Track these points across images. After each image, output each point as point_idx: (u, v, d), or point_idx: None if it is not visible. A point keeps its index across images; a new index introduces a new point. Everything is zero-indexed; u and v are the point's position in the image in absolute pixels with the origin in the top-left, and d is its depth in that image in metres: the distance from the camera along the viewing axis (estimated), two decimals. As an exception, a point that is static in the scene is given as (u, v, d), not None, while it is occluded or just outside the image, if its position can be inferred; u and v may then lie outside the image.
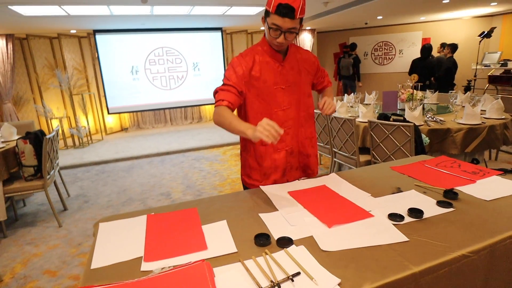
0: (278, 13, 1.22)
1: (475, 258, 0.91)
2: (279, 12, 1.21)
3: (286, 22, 1.23)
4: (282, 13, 1.21)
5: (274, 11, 1.23)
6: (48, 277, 2.07)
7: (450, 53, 5.38)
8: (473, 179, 1.40)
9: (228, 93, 1.31)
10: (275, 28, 1.26)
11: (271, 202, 1.25)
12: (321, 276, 0.79)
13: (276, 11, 1.22)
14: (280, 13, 1.21)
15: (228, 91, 1.32)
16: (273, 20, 1.25)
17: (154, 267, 0.85)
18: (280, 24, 1.24)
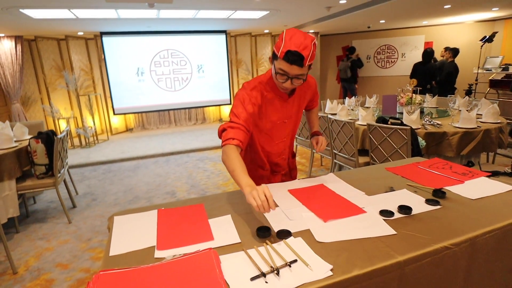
0: (286, 60, 1.18)
1: (456, 249, 1.01)
2: (287, 59, 1.18)
3: (294, 69, 1.20)
4: (291, 60, 1.17)
5: (282, 56, 1.19)
6: (60, 269, 2.18)
7: (451, 57, 5.45)
8: (462, 179, 1.49)
9: (239, 131, 1.25)
10: (282, 73, 1.23)
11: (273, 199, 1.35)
12: (315, 263, 0.89)
13: (284, 57, 1.18)
14: (288, 60, 1.18)
15: (239, 129, 1.26)
16: (280, 65, 1.22)
17: (166, 254, 0.95)
18: (288, 71, 1.21)
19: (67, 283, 2.02)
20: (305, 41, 1.19)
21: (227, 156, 1.20)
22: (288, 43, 1.19)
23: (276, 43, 1.25)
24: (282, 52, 1.19)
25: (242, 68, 7.54)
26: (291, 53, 1.17)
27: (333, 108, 3.88)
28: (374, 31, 8.32)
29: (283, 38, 1.22)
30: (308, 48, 1.19)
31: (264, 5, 4.32)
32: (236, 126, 1.27)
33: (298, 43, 1.18)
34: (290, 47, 1.17)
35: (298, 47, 1.17)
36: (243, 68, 7.53)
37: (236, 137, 1.24)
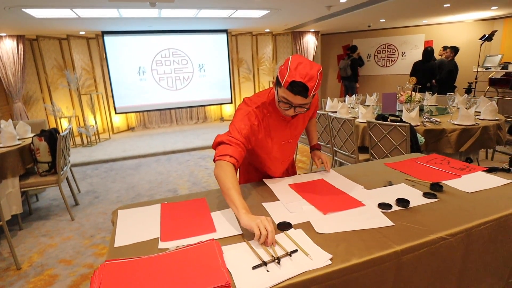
0: (290, 90, 1.14)
1: (452, 240, 1.03)
2: (291, 89, 1.14)
3: (298, 99, 1.17)
4: (295, 91, 1.14)
5: (286, 86, 1.15)
6: (63, 265, 2.21)
7: (451, 55, 5.47)
8: (459, 174, 1.52)
9: (237, 149, 1.20)
10: (285, 101, 1.20)
11: (273, 193, 1.38)
12: (315, 253, 0.92)
13: (288, 87, 1.15)
14: (292, 90, 1.14)
15: (238, 146, 1.21)
16: (284, 94, 1.18)
17: (169, 245, 0.98)
18: (291, 100, 1.18)
19: (70, 278, 2.05)
20: (311, 72, 1.15)
21: (223, 171, 1.12)
22: (293, 72, 1.14)
23: (281, 69, 1.20)
24: (286, 81, 1.15)
25: (243, 67, 7.56)
26: (296, 84, 1.13)
27: (333, 106, 3.90)
28: (374, 30, 8.34)
29: (288, 66, 1.16)
30: (314, 79, 1.15)
31: (265, 4, 4.34)
32: (235, 142, 1.21)
33: (303, 74, 1.14)
34: (295, 77, 1.13)
35: (303, 78, 1.13)
36: (244, 67, 7.56)
37: (234, 155, 1.18)
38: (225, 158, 1.17)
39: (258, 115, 1.31)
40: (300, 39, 7.81)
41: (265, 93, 1.37)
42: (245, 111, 1.30)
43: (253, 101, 1.34)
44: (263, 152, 1.44)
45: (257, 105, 1.32)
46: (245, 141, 1.24)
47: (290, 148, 1.51)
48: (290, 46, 7.88)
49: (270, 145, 1.39)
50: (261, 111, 1.32)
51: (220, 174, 1.13)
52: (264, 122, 1.33)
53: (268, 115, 1.33)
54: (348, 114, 3.42)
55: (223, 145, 1.21)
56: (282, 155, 1.51)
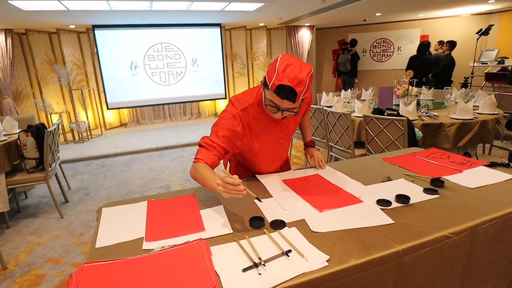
0: (277, 94, 1.07)
1: (456, 238, 0.98)
2: (278, 93, 1.07)
3: (285, 103, 1.10)
4: (281, 95, 1.07)
5: (273, 89, 1.08)
6: (51, 264, 2.13)
7: (448, 50, 5.42)
8: (460, 169, 1.47)
9: (210, 155, 1.18)
10: (272, 105, 1.13)
11: (266, 189, 1.31)
12: (311, 254, 0.85)
13: (275, 91, 1.07)
14: (279, 94, 1.07)
15: (214, 149, 1.19)
16: (270, 97, 1.11)
17: (154, 246, 0.91)
18: (278, 104, 1.11)
19: (57, 278, 1.97)
20: (300, 75, 1.06)
21: (196, 171, 1.15)
22: (281, 75, 1.06)
23: (269, 69, 1.12)
24: (273, 84, 1.07)
25: (237, 62, 7.46)
26: (283, 88, 1.05)
27: (328, 101, 3.84)
28: (369, 24, 8.27)
29: (276, 67, 1.08)
30: (303, 83, 1.07)
31: (259, -4, 4.24)
32: (211, 145, 1.20)
33: (292, 77, 1.05)
34: (282, 81, 1.05)
35: (291, 82, 1.05)
36: (238, 62, 7.46)
37: (205, 160, 1.17)
38: (197, 161, 1.18)
39: (244, 119, 1.24)
40: (295, 33, 7.71)
41: (253, 92, 1.28)
42: (229, 114, 1.24)
43: (240, 102, 1.26)
44: (250, 155, 1.38)
45: (244, 107, 1.24)
46: (223, 144, 1.21)
47: (282, 147, 1.44)
48: (284, 41, 7.78)
49: (257, 148, 1.33)
50: (248, 113, 1.25)
51: (193, 174, 1.17)
52: (252, 124, 1.26)
53: (258, 116, 1.26)
54: (344, 108, 3.36)
55: (200, 149, 1.22)
56: (274, 155, 1.44)
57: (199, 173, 1.13)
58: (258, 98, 1.26)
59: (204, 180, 1.11)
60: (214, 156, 1.19)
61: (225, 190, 0.98)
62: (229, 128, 1.22)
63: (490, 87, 6.74)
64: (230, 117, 1.23)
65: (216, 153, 1.20)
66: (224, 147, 1.21)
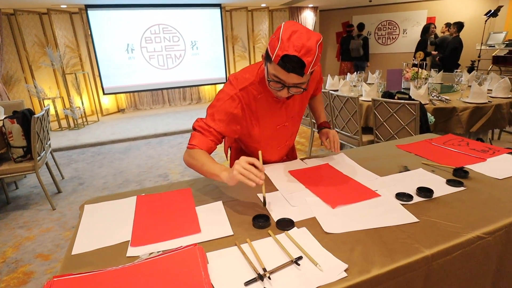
0: (282, 66, 0.92)
1: (490, 239, 0.85)
2: (284, 65, 0.91)
3: (292, 78, 0.94)
4: (287, 68, 0.91)
5: (277, 62, 0.92)
6: (40, 261, 2.01)
7: (456, 32, 5.19)
8: (483, 157, 1.33)
9: (206, 140, 1.07)
10: (276, 80, 0.97)
11: (270, 181, 1.18)
12: (325, 261, 0.72)
13: (279, 63, 0.91)
14: (284, 67, 0.91)
15: (210, 135, 1.07)
16: (275, 72, 0.95)
17: (141, 252, 0.78)
18: (283, 79, 0.96)
19: (46, 276, 1.86)
20: (308, 43, 0.90)
21: (191, 157, 1.05)
22: (286, 44, 0.90)
23: (271, 40, 0.95)
24: (277, 56, 0.91)
25: (238, 45, 7.20)
26: (289, 59, 0.90)
27: (334, 84, 3.66)
28: (375, 5, 7.95)
29: (279, 36, 0.92)
30: (312, 53, 0.91)
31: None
32: (206, 129, 1.08)
33: (298, 46, 0.89)
34: (287, 51, 0.89)
35: (298, 51, 0.89)
36: (239, 45, 7.20)
37: (201, 146, 1.06)
38: (192, 147, 1.07)
39: (243, 100, 1.09)
40: (298, 15, 7.42)
41: (254, 69, 1.12)
42: (226, 95, 1.09)
43: (239, 80, 1.10)
44: (251, 141, 1.23)
45: (243, 86, 1.09)
46: (219, 129, 1.09)
47: (287, 132, 1.28)
48: (287, 23, 7.49)
49: (257, 132, 1.18)
50: (248, 93, 1.10)
51: (188, 161, 1.07)
52: (252, 106, 1.12)
53: (259, 96, 1.11)
54: (350, 92, 3.19)
55: (194, 133, 1.10)
56: (278, 141, 1.29)
57: (196, 160, 1.03)
58: (259, 75, 1.10)
59: (203, 167, 1.01)
60: (211, 142, 1.08)
61: (242, 171, 0.87)
62: (227, 110, 1.08)
63: (497, 71, 6.52)
64: (228, 98, 1.08)
65: (213, 138, 1.08)
66: (221, 132, 1.09)
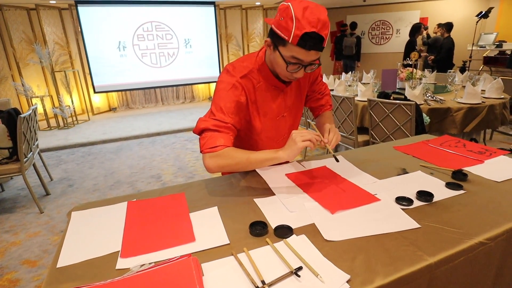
0: (303, 46, 0.90)
1: (492, 245, 0.83)
2: (304, 44, 0.90)
3: (312, 55, 0.94)
4: (308, 46, 0.90)
5: (296, 42, 0.90)
6: (27, 267, 1.94)
7: (446, 32, 5.24)
8: (481, 159, 1.32)
9: (228, 134, 1.01)
10: (295, 62, 0.96)
11: (267, 185, 1.14)
12: (327, 272, 0.69)
13: (299, 43, 0.90)
14: (305, 46, 0.90)
15: (229, 130, 1.01)
16: (293, 53, 0.94)
17: (132, 264, 0.73)
18: (304, 58, 0.94)
19: (33, 283, 1.79)
20: (322, 16, 0.90)
21: (225, 157, 0.98)
22: (302, 22, 0.88)
23: (278, 22, 0.92)
24: (295, 35, 0.88)
25: (232, 43, 7.14)
26: (309, 37, 0.88)
27: (329, 84, 3.65)
28: (369, 5, 7.98)
29: (292, 14, 0.89)
30: (327, 25, 0.91)
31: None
32: (223, 126, 1.00)
33: (314, 21, 0.88)
34: (305, 28, 0.88)
35: (315, 27, 0.88)
36: (233, 43, 7.14)
37: (227, 144, 1.00)
38: (220, 149, 0.99)
39: (245, 87, 1.06)
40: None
41: (252, 57, 1.10)
42: (228, 84, 1.04)
43: (238, 69, 1.06)
44: (252, 132, 1.19)
45: (243, 74, 1.06)
46: (234, 122, 1.03)
47: (285, 123, 1.25)
48: (280, 21, 7.46)
49: (258, 123, 1.15)
50: (248, 81, 1.07)
51: (224, 162, 0.99)
52: (252, 95, 1.09)
53: (258, 85, 1.09)
54: (346, 92, 3.18)
55: (211, 134, 1.00)
56: (277, 133, 1.25)
57: (234, 157, 0.98)
58: (258, 63, 1.08)
59: (249, 159, 0.98)
60: (233, 135, 1.03)
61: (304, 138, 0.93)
62: (233, 99, 1.03)
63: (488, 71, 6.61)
64: (230, 87, 1.03)
65: (232, 133, 1.03)
66: (235, 125, 1.04)
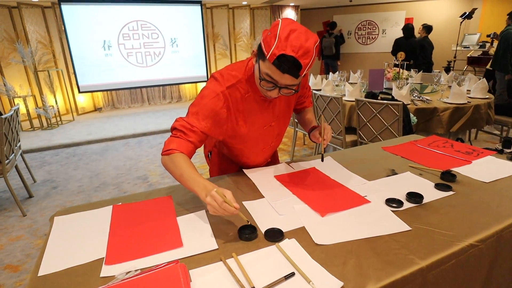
0: (277, 66, 0.88)
1: (482, 247, 0.83)
2: (279, 65, 0.87)
3: (286, 79, 0.90)
4: (283, 68, 0.87)
5: (272, 60, 0.87)
6: (8, 272, 1.87)
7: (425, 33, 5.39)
8: (469, 159, 1.33)
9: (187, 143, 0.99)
10: (269, 80, 0.93)
11: (256, 187, 1.12)
12: (319, 278, 0.68)
13: (275, 63, 0.87)
14: (279, 67, 0.87)
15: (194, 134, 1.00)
16: (268, 70, 0.91)
17: (117, 271, 0.70)
18: (277, 79, 0.91)
19: (16, 289, 1.73)
20: (306, 44, 0.87)
21: (170, 162, 0.96)
22: (283, 43, 0.86)
23: (265, 36, 0.90)
24: (273, 54, 0.86)
25: (219, 43, 7.09)
26: (286, 59, 0.86)
27: (316, 84, 3.65)
28: (355, 5, 8.06)
29: (276, 33, 0.87)
30: (309, 55, 0.87)
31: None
32: (189, 129, 0.99)
33: (297, 46, 0.86)
34: (285, 50, 0.85)
35: (296, 52, 0.86)
36: (220, 43, 7.09)
37: (181, 149, 0.97)
38: (171, 152, 0.97)
39: (230, 98, 1.03)
40: (279, 13, 7.40)
41: (241, 66, 1.07)
42: (212, 92, 1.02)
43: (225, 77, 1.03)
44: (237, 142, 1.16)
45: (231, 84, 1.03)
46: (206, 130, 1.01)
47: (272, 132, 1.22)
48: (268, 21, 7.45)
49: (244, 133, 1.12)
50: (235, 91, 1.04)
51: (168, 166, 0.97)
52: (239, 105, 1.06)
53: (246, 96, 1.06)
54: (333, 92, 3.18)
55: (173, 135, 1.01)
56: (264, 142, 1.23)
57: (176, 167, 0.94)
58: (247, 73, 1.05)
59: (182, 177, 0.92)
60: (190, 145, 0.99)
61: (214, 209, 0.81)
62: (212, 109, 1.01)
63: (472, 71, 6.77)
64: (213, 96, 1.01)
65: (194, 139, 1.00)
66: (205, 132, 1.01)
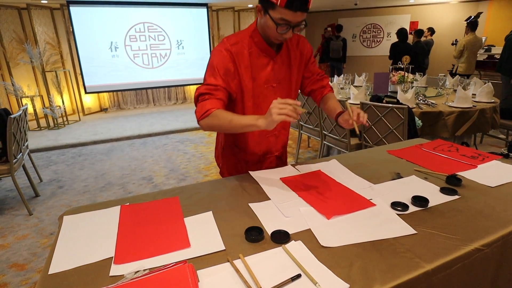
0: (290, 7, 1.00)
1: (488, 251, 0.84)
2: (291, 5, 1.00)
3: (298, 16, 1.03)
4: (295, 7, 1.00)
5: (284, 4, 1.01)
6: (15, 271, 1.89)
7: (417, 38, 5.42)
8: (474, 163, 1.33)
9: (215, 100, 1.09)
10: (283, 23, 1.05)
11: (262, 189, 1.13)
12: (326, 280, 0.68)
13: (286, 5, 1.00)
14: (292, 7, 1.00)
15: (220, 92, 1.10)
16: (282, 15, 1.04)
17: (126, 270, 0.72)
18: (291, 19, 1.04)
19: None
20: None
21: (213, 118, 1.06)
22: None
23: None
24: None
25: (225, 45, 7.12)
26: None
27: (321, 87, 3.65)
28: (360, 9, 8.06)
29: None
30: None
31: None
32: (213, 88, 1.10)
33: None
34: None
35: None
36: (226, 45, 7.12)
37: (215, 106, 1.08)
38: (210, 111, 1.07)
39: (234, 54, 1.14)
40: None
41: (246, 29, 1.21)
42: (218, 51, 1.14)
43: (231, 38, 1.17)
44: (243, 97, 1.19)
45: (235, 42, 1.15)
46: (225, 84, 1.12)
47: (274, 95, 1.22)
48: (274, 24, 7.47)
49: (250, 86, 1.19)
50: (240, 47, 1.15)
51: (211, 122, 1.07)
52: (244, 59, 1.16)
53: (250, 51, 1.17)
54: (338, 95, 3.19)
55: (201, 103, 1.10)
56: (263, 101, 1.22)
57: (221, 118, 1.05)
58: (250, 29, 1.18)
59: (232, 122, 1.04)
60: (221, 102, 1.11)
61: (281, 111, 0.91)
62: (222, 65, 1.12)
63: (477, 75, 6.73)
64: (219, 54, 1.13)
65: (222, 96, 1.11)
66: (226, 88, 1.13)
